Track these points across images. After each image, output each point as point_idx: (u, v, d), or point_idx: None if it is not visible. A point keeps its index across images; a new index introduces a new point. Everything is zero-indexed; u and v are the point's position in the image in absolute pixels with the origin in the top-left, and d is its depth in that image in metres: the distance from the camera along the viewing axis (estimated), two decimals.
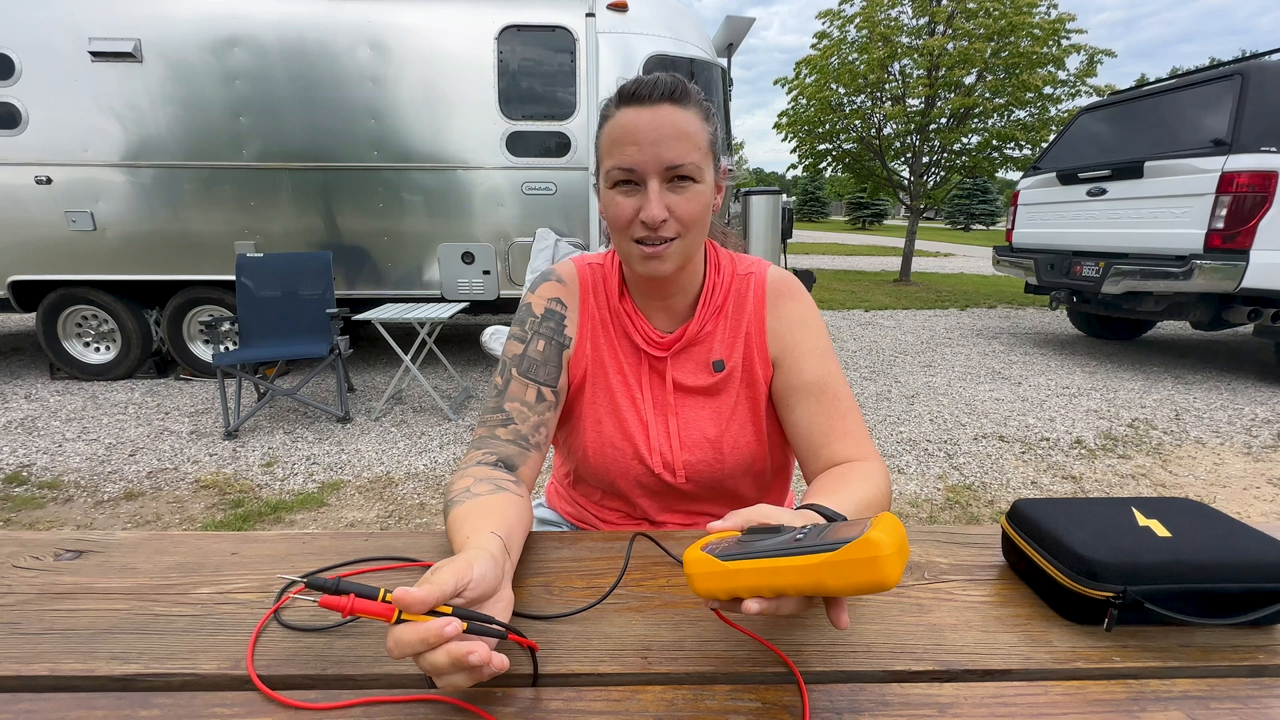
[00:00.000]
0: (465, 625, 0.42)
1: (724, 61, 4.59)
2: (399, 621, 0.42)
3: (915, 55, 8.71)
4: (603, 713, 0.44)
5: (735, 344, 0.79)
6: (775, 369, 0.79)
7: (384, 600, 0.43)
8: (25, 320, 6.08)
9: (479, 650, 0.40)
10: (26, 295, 3.94)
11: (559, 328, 0.79)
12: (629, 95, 0.68)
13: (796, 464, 0.90)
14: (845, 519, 0.54)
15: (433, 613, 0.42)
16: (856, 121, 9.52)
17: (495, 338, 3.13)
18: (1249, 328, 4.04)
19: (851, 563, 0.39)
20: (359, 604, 0.42)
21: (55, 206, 3.74)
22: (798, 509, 0.58)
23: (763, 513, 0.49)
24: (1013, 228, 5.49)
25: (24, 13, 3.54)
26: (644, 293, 0.79)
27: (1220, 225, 3.71)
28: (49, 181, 3.71)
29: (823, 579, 0.40)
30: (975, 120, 8.74)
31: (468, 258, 3.97)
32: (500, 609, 0.48)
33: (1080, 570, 0.52)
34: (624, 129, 0.67)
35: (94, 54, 3.57)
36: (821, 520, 0.50)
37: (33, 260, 3.81)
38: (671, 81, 0.67)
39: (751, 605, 0.41)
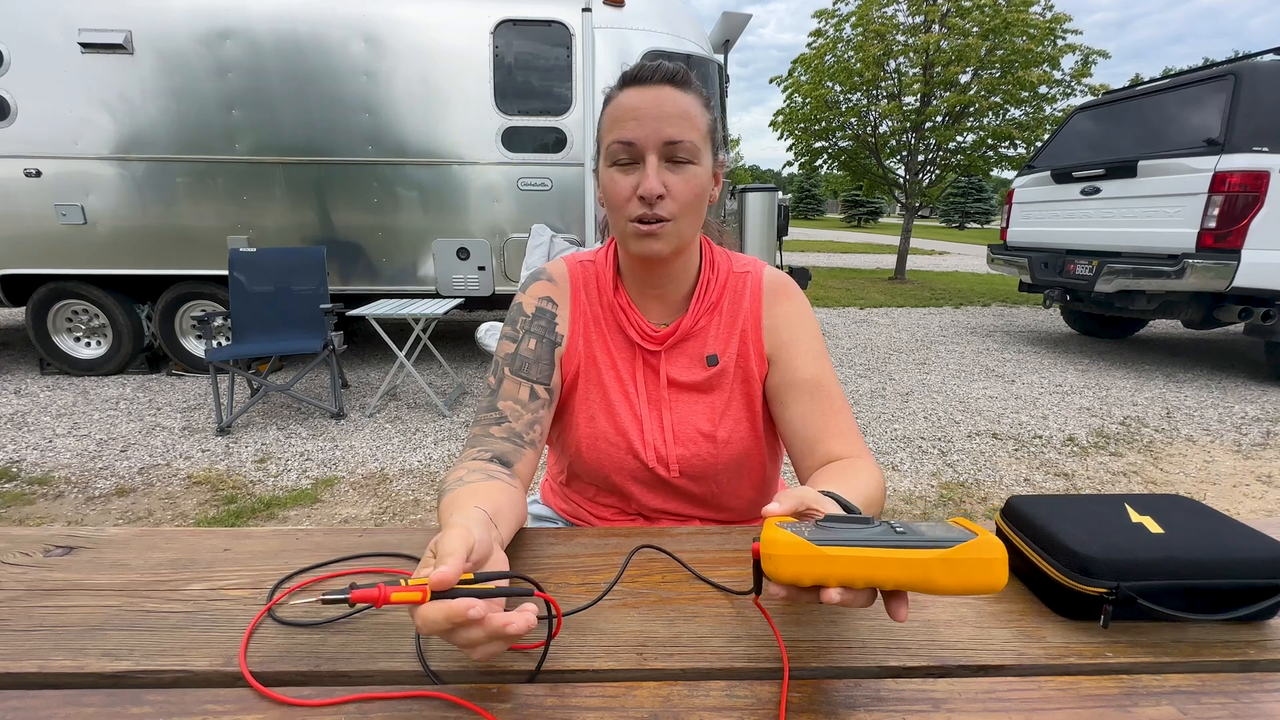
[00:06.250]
0: (487, 598, 0.42)
1: (720, 58, 4.58)
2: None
3: (910, 53, 8.73)
4: (598, 709, 0.44)
5: (730, 340, 0.79)
6: (770, 365, 0.79)
7: (408, 584, 0.42)
8: (15, 315, 6.02)
9: (515, 621, 0.40)
10: (16, 289, 3.90)
11: (550, 326, 0.79)
12: (631, 78, 0.70)
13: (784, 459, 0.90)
14: (859, 510, 0.54)
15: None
16: (852, 119, 9.53)
17: (490, 334, 3.12)
18: (1239, 327, 4.07)
19: (970, 561, 0.39)
20: (392, 593, 0.41)
21: (45, 199, 3.70)
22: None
23: (814, 497, 0.48)
24: (1007, 226, 5.51)
25: (13, 3, 3.50)
26: (639, 281, 0.79)
27: (1212, 225, 3.74)
28: (38, 174, 3.67)
29: (933, 576, 0.39)
30: (970, 119, 8.77)
31: (463, 253, 3.96)
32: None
33: (1074, 566, 0.53)
34: (624, 107, 0.69)
35: (84, 45, 3.53)
36: (839, 509, 0.50)
37: (22, 254, 3.77)
38: (673, 66, 0.70)
39: (834, 595, 0.40)
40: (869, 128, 9.55)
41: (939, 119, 9.02)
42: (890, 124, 9.42)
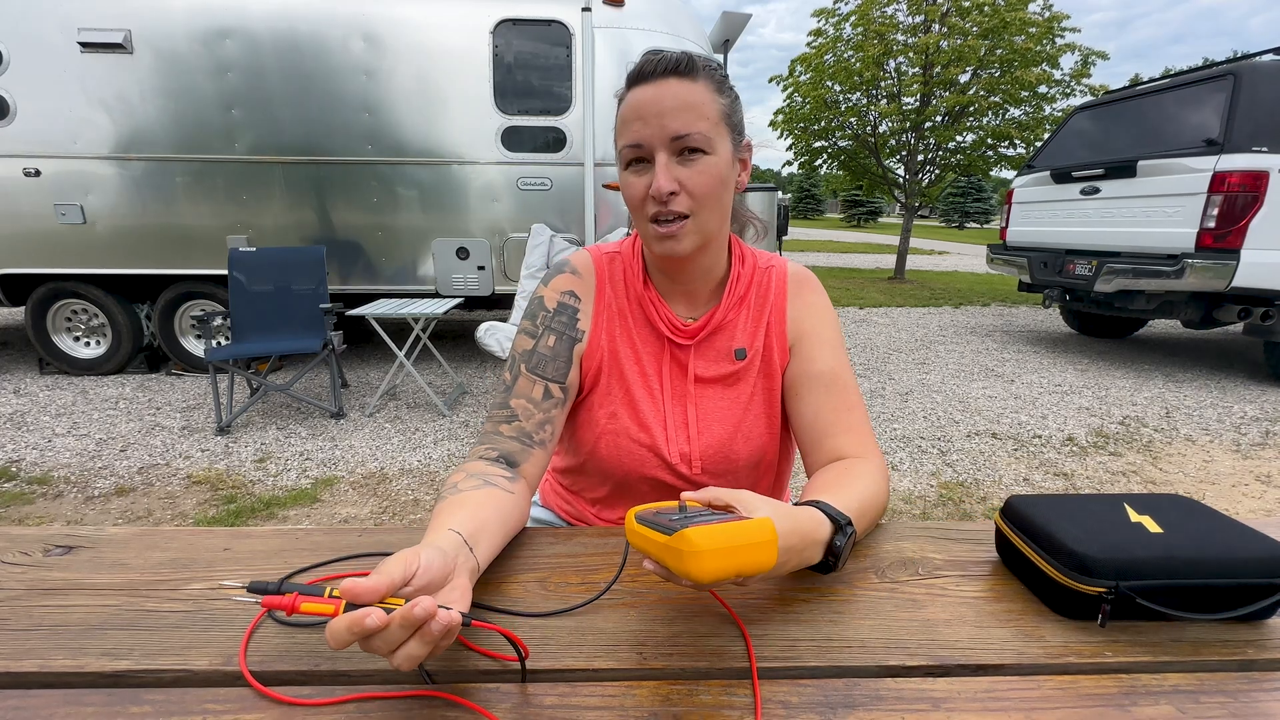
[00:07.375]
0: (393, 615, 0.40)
1: (720, 57, 4.58)
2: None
3: (910, 53, 8.73)
4: (598, 708, 0.44)
5: (757, 332, 0.79)
6: (791, 355, 0.79)
7: (331, 596, 0.42)
8: (14, 314, 6.02)
9: (422, 601, 0.39)
10: (15, 289, 3.90)
11: (571, 322, 0.77)
12: (635, 75, 0.68)
13: (794, 462, 0.90)
14: (849, 519, 0.58)
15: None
16: (852, 119, 9.53)
17: (490, 333, 3.12)
18: (1238, 326, 4.07)
19: (670, 549, 0.44)
20: (303, 601, 0.41)
21: (44, 199, 3.69)
22: (798, 504, 0.59)
23: (713, 494, 0.54)
24: (1007, 226, 5.51)
25: (12, 2, 3.49)
26: (665, 275, 0.78)
27: (1212, 224, 3.74)
28: (38, 174, 3.66)
29: (662, 557, 0.46)
30: (970, 118, 8.77)
31: (462, 253, 3.95)
32: (454, 598, 0.46)
33: (1073, 566, 0.53)
34: (631, 107, 0.68)
35: (83, 44, 3.52)
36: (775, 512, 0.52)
37: (21, 253, 3.77)
38: (676, 55, 0.67)
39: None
40: (869, 127, 9.55)
41: (939, 119, 9.02)
42: (890, 124, 9.42)
